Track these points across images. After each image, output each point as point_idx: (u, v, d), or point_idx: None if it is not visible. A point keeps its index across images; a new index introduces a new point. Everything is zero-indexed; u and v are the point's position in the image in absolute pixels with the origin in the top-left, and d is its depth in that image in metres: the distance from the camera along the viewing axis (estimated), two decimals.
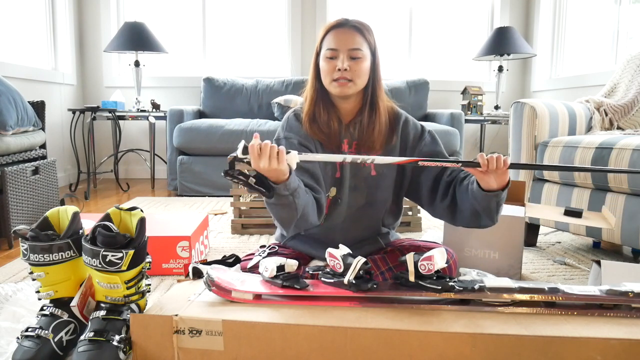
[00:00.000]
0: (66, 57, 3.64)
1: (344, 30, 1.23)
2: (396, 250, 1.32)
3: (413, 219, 2.19)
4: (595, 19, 3.46)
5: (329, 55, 1.23)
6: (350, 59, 1.22)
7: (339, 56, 1.21)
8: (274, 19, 3.99)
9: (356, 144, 1.29)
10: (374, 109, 1.27)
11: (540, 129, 1.90)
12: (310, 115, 1.28)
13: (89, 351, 0.92)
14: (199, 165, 3.07)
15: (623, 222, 1.58)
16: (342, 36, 1.22)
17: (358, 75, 1.23)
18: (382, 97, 1.29)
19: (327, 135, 1.28)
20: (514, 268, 1.46)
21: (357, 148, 1.28)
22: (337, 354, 0.89)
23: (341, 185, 1.29)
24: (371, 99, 1.27)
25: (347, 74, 1.21)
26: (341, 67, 1.20)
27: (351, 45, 1.21)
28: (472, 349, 0.87)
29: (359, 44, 1.22)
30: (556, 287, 0.99)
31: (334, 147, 1.28)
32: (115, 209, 1.06)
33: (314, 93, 1.29)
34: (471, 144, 4.15)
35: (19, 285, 1.34)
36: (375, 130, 1.27)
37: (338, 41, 1.22)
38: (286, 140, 1.28)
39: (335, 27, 1.24)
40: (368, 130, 1.27)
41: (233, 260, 1.29)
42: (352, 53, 1.21)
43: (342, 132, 1.29)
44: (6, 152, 1.96)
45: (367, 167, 1.29)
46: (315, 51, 1.29)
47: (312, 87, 1.30)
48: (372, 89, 1.27)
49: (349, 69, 1.21)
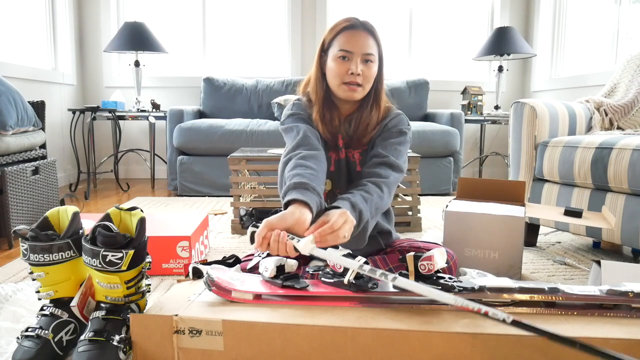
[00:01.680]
0: (66, 57, 3.64)
1: (359, 33, 1.22)
2: (396, 251, 1.33)
3: (413, 219, 2.19)
4: (595, 19, 3.46)
5: (341, 55, 1.21)
6: (364, 63, 1.21)
7: (353, 59, 1.20)
8: (274, 19, 3.99)
9: (347, 139, 1.31)
10: (372, 110, 1.28)
11: (540, 129, 1.90)
12: (321, 116, 1.28)
13: (89, 351, 0.92)
14: (199, 165, 3.07)
15: (623, 222, 1.58)
16: (358, 39, 1.21)
17: (368, 81, 1.23)
18: (383, 99, 1.30)
19: (331, 133, 1.29)
20: (514, 268, 1.46)
21: (348, 143, 1.30)
22: (337, 354, 0.89)
23: (335, 179, 1.31)
24: (372, 101, 1.28)
25: (359, 78, 1.21)
26: (355, 71, 1.20)
27: (366, 49, 1.21)
28: (472, 349, 0.87)
29: (372, 48, 1.22)
30: (556, 287, 0.99)
31: (332, 145, 1.31)
32: (115, 209, 1.06)
33: (323, 93, 1.28)
34: (471, 144, 4.15)
35: (19, 285, 1.34)
36: (369, 127, 1.28)
37: (354, 44, 1.20)
38: (296, 116, 1.29)
39: (349, 28, 1.23)
40: (362, 125, 1.28)
41: (233, 261, 1.29)
42: (366, 57, 1.21)
43: (341, 128, 1.31)
44: (6, 152, 1.96)
45: (354, 162, 1.30)
46: (320, 48, 1.27)
47: (320, 88, 1.28)
48: (375, 91, 1.28)
49: (362, 73, 1.20)
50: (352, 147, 1.30)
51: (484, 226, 1.46)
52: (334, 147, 1.31)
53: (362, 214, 1.07)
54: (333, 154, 1.31)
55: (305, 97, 1.34)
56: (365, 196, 1.11)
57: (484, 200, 1.65)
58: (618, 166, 1.57)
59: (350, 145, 1.30)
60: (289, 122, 1.30)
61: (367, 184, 1.15)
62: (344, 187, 1.30)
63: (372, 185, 1.15)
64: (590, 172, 1.66)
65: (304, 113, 1.30)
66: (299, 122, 1.28)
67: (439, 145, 3.16)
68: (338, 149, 1.30)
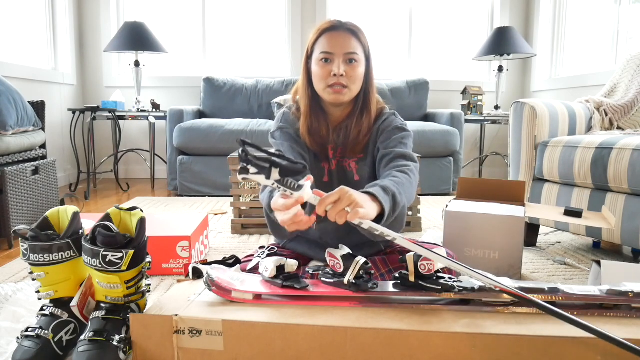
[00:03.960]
0: (66, 57, 3.64)
1: (339, 34, 1.19)
2: (396, 252, 1.32)
3: (413, 219, 2.19)
4: (595, 19, 3.46)
5: (322, 58, 1.18)
6: (346, 63, 1.18)
7: (335, 60, 1.17)
8: (274, 19, 3.98)
9: (340, 149, 1.27)
10: (364, 115, 1.24)
11: (540, 129, 1.90)
12: (308, 126, 1.25)
13: (89, 351, 0.92)
14: (199, 165, 3.07)
15: (623, 222, 1.58)
16: (338, 40, 1.18)
17: (353, 81, 1.19)
18: (373, 102, 1.26)
19: (319, 145, 1.26)
20: (514, 268, 1.46)
21: (342, 153, 1.26)
22: (337, 354, 0.89)
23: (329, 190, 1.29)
24: (362, 106, 1.24)
25: (343, 79, 1.17)
26: (337, 72, 1.16)
27: (347, 49, 1.18)
28: (472, 349, 0.87)
29: (354, 47, 1.18)
30: (556, 287, 0.99)
31: (322, 156, 1.27)
32: (115, 209, 1.06)
33: (309, 101, 1.25)
34: (471, 144, 4.15)
35: (19, 285, 1.34)
36: (361, 134, 1.24)
37: (333, 45, 1.17)
38: (281, 130, 1.27)
39: (329, 30, 1.20)
40: (353, 133, 1.24)
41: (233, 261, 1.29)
42: (349, 57, 1.18)
43: (329, 138, 1.27)
44: (6, 152, 1.97)
45: (351, 171, 1.26)
46: (306, 54, 1.24)
47: (306, 95, 1.25)
48: (364, 95, 1.24)
49: (345, 74, 1.17)
50: (347, 157, 1.27)
51: (484, 226, 1.46)
52: (325, 157, 1.27)
53: (395, 197, 1.03)
54: (326, 164, 1.28)
55: (295, 105, 1.31)
56: (394, 180, 1.07)
57: (484, 200, 1.65)
58: (618, 166, 1.57)
59: (345, 154, 1.26)
60: (277, 136, 1.28)
61: (392, 171, 1.12)
62: None
63: (398, 172, 1.12)
64: (590, 172, 1.66)
65: (290, 128, 1.27)
66: (283, 140, 1.26)
67: (439, 145, 3.16)
68: (329, 160, 1.27)
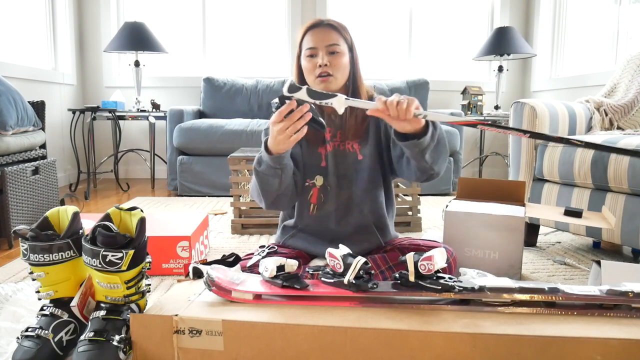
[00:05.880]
0: (66, 57, 3.64)
1: (320, 29, 1.30)
2: (396, 249, 1.33)
3: (413, 219, 2.19)
4: (595, 19, 3.46)
5: (308, 54, 1.29)
6: (329, 54, 1.28)
7: (318, 53, 1.28)
8: (274, 19, 3.99)
9: (340, 133, 1.35)
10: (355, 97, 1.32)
11: (540, 129, 1.90)
12: None
13: (89, 351, 0.92)
14: (199, 165, 3.07)
15: (623, 222, 1.58)
16: (319, 34, 1.29)
17: (338, 69, 1.28)
18: (363, 90, 1.35)
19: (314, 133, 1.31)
20: (514, 268, 1.46)
21: (342, 136, 1.35)
22: (337, 354, 0.89)
23: (327, 173, 1.34)
24: (352, 93, 1.33)
25: (328, 68, 1.27)
26: (321, 62, 1.27)
27: (328, 41, 1.28)
28: (472, 349, 0.87)
29: (335, 40, 1.29)
30: (556, 287, 0.99)
31: (319, 141, 1.34)
32: (115, 209, 1.06)
33: None
34: (471, 144, 4.15)
35: (19, 285, 1.34)
36: (357, 119, 1.33)
37: (316, 39, 1.29)
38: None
39: (311, 28, 1.31)
40: (350, 118, 1.33)
41: (233, 259, 1.29)
42: (330, 49, 1.28)
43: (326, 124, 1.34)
44: (6, 152, 1.97)
45: (353, 152, 1.34)
46: (297, 54, 1.35)
47: None
48: (353, 83, 1.34)
49: (329, 64, 1.27)
50: (349, 139, 1.34)
51: (484, 226, 1.46)
52: (321, 142, 1.34)
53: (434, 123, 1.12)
54: (322, 149, 1.34)
55: None
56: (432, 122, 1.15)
57: (484, 200, 1.65)
58: (618, 166, 1.57)
59: (347, 137, 1.34)
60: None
61: None
62: (336, 180, 1.33)
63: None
64: (590, 172, 1.66)
65: None
66: None
67: None
68: (326, 142, 1.34)
